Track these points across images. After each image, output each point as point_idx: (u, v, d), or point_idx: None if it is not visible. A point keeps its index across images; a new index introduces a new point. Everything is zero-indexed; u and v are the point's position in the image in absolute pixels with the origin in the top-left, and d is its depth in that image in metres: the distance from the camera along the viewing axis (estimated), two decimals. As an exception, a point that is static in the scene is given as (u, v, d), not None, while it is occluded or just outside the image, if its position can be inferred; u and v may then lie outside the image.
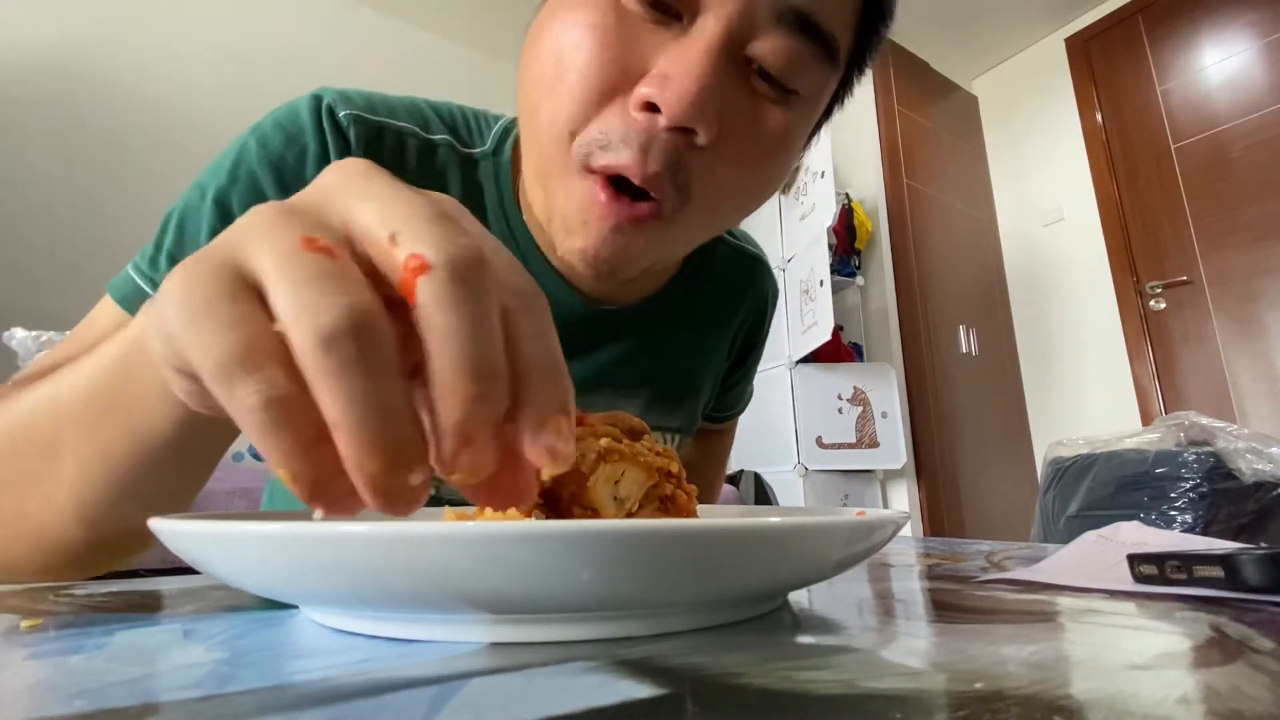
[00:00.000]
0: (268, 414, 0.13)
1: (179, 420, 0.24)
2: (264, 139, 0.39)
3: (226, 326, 0.13)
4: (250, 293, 0.14)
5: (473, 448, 0.15)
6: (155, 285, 0.36)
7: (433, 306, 0.14)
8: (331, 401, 0.13)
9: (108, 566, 0.32)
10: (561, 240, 0.36)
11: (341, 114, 0.40)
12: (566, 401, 0.16)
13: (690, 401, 0.55)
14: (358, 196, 0.16)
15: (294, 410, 0.13)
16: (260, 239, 0.15)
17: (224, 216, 0.37)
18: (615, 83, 0.32)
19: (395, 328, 0.14)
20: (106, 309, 0.37)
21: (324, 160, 0.39)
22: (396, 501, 0.14)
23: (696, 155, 0.33)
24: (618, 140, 0.31)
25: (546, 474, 0.16)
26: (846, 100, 0.45)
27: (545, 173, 0.35)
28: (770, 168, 0.38)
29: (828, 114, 0.44)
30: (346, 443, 0.13)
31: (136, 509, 0.27)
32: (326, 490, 0.14)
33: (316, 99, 0.41)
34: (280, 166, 0.38)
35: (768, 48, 0.32)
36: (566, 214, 0.34)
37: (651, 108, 0.31)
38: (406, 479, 0.14)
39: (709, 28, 0.31)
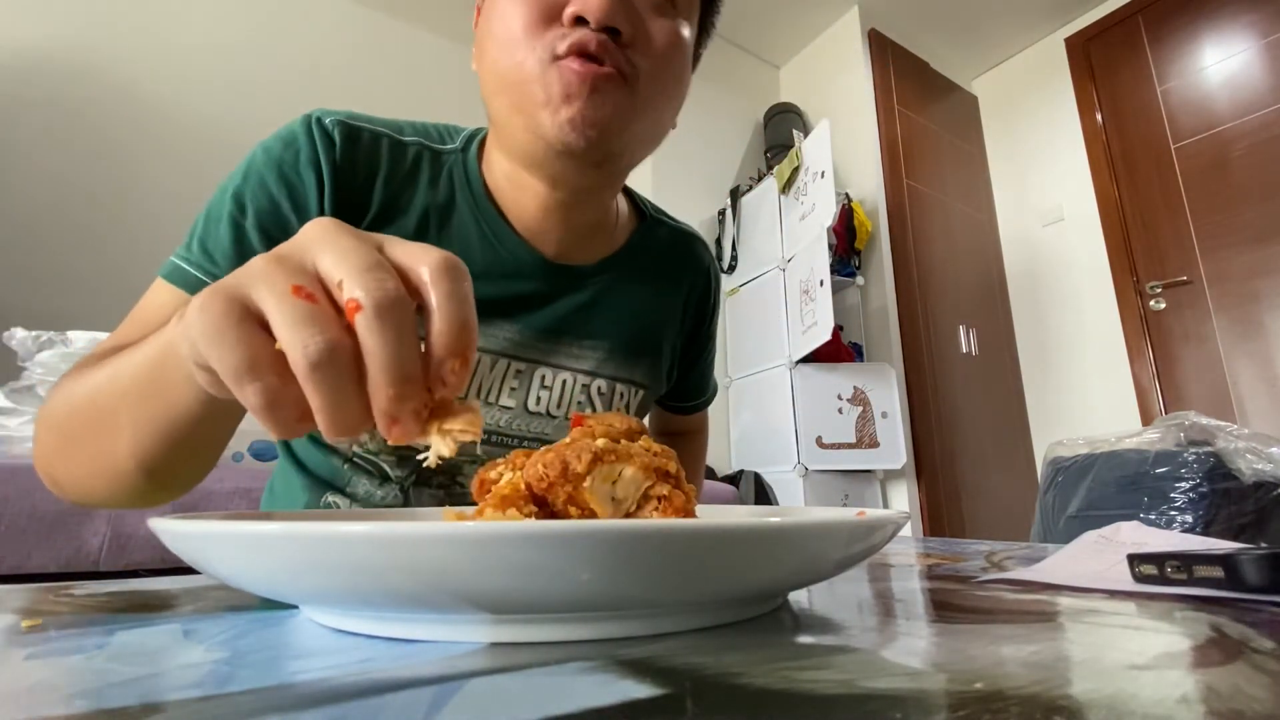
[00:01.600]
0: (266, 405, 0.21)
1: (201, 400, 0.31)
2: (268, 148, 0.48)
3: (235, 344, 0.20)
4: (253, 319, 0.21)
5: (398, 424, 0.21)
6: (191, 264, 0.46)
7: (364, 335, 0.20)
8: (313, 399, 0.20)
9: (165, 500, 0.41)
10: (552, 124, 0.44)
11: (327, 120, 0.49)
12: (464, 349, 0.22)
13: (650, 357, 0.61)
14: (323, 249, 0.22)
15: (282, 403, 0.21)
16: (261, 283, 0.21)
17: (239, 208, 0.47)
18: (548, 13, 0.44)
19: (354, 343, 0.21)
20: (158, 288, 0.47)
21: (315, 159, 0.48)
22: (346, 430, 0.21)
23: (625, 50, 0.45)
24: (567, 50, 0.43)
25: (451, 388, 0.22)
26: (712, 27, 0.58)
27: (522, 90, 0.45)
28: (677, 56, 0.49)
29: (705, 30, 0.57)
30: (321, 421, 0.21)
31: (179, 458, 0.37)
32: (298, 435, 0.22)
33: (307, 116, 0.50)
34: (281, 166, 0.48)
35: None
36: (551, 98, 0.44)
37: (581, 20, 0.43)
38: (358, 437, 0.22)
39: None
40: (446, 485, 0.54)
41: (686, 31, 0.49)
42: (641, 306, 0.60)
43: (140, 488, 0.38)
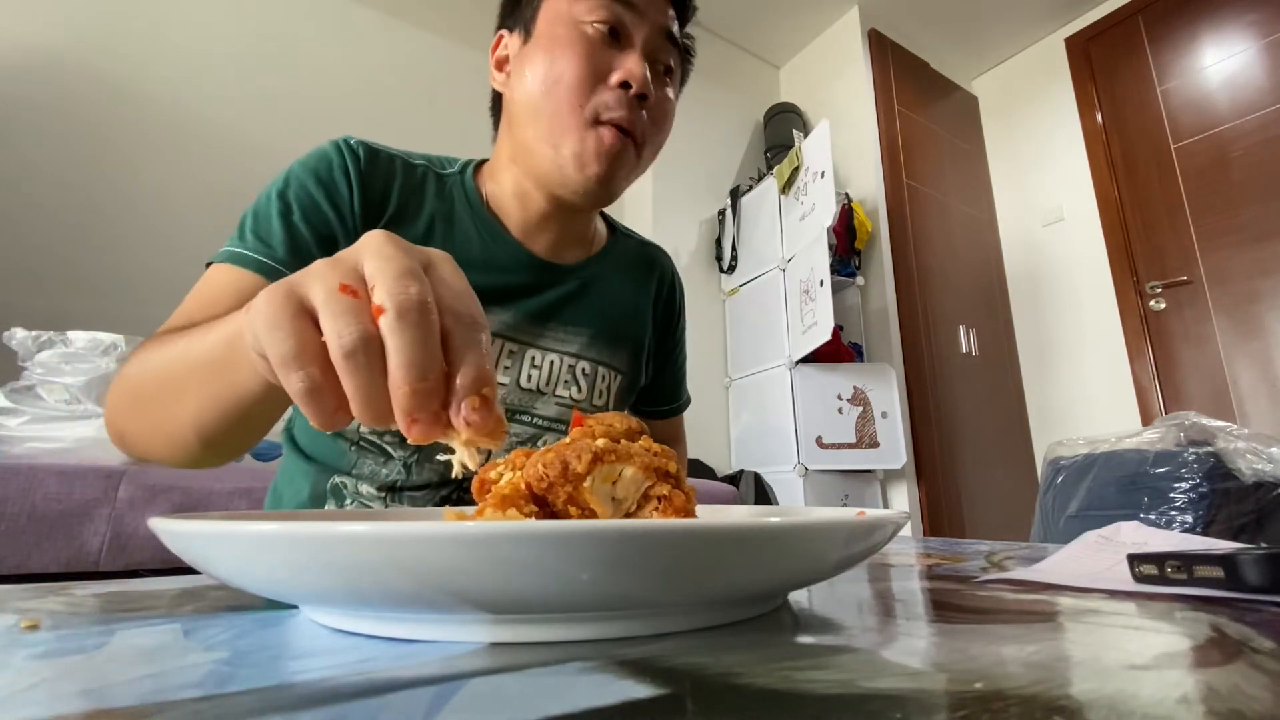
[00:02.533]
0: (306, 392, 0.23)
1: (261, 385, 0.34)
2: (304, 162, 0.57)
3: (287, 335, 0.23)
4: (305, 315, 0.23)
5: (417, 424, 0.23)
6: (248, 248, 0.52)
7: (385, 335, 0.22)
8: (346, 385, 0.23)
9: (215, 464, 0.46)
10: (576, 173, 0.56)
11: (352, 141, 0.59)
12: (481, 387, 0.23)
13: (628, 345, 0.70)
14: (369, 256, 0.24)
15: (321, 393, 0.23)
16: (316, 280, 0.24)
17: (285, 205, 0.54)
18: (597, 75, 0.56)
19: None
20: (217, 272, 0.52)
21: (345, 168, 0.57)
22: (376, 418, 0.23)
23: (644, 112, 0.58)
24: (616, 105, 0.55)
25: (466, 437, 0.23)
26: (682, 89, 0.69)
27: (559, 134, 0.56)
28: (670, 120, 0.63)
29: (679, 91, 0.69)
30: (354, 407, 0.23)
31: (233, 432, 0.40)
32: (330, 424, 0.24)
33: (335, 139, 0.59)
34: (318, 173, 0.56)
35: (660, 54, 0.60)
36: (581, 154, 0.55)
37: (625, 85, 0.56)
38: (385, 425, 0.23)
39: (640, 45, 0.57)
40: (448, 458, 0.57)
41: (673, 94, 0.64)
42: (618, 300, 0.69)
43: (194, 453, 0.43)
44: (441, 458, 0.58)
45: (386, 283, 0.23)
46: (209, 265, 0.53)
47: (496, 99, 0.66)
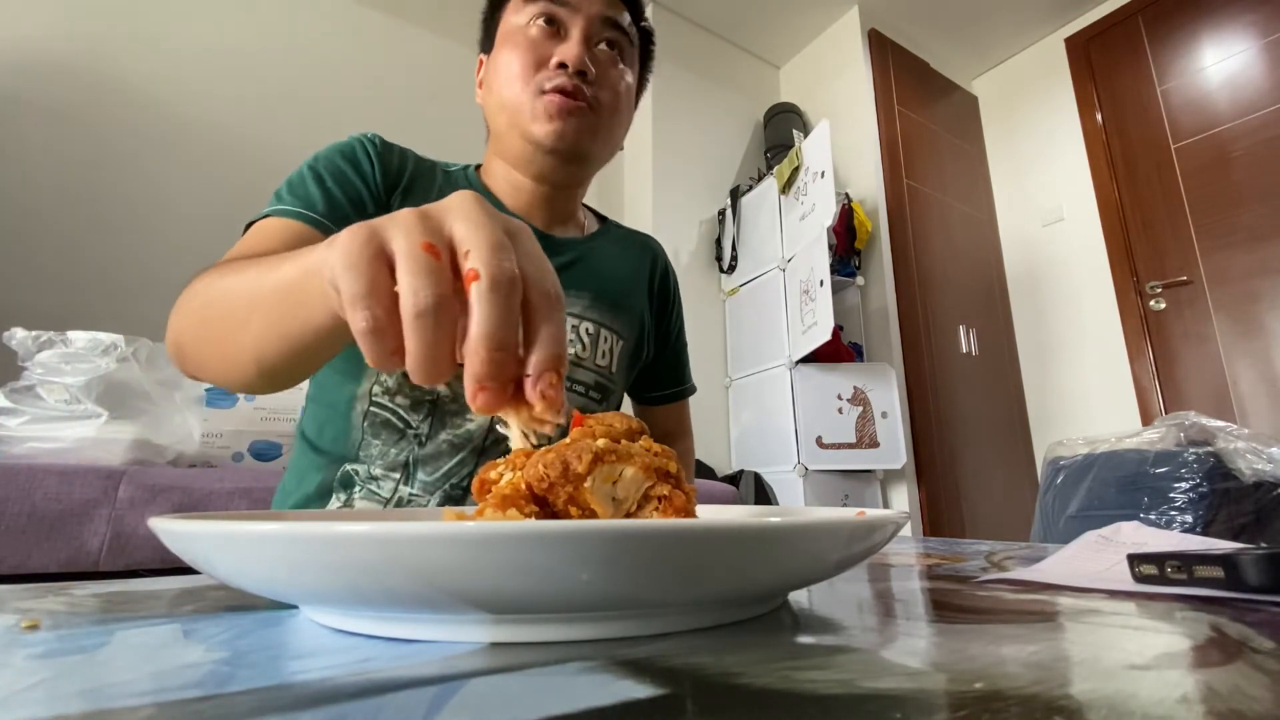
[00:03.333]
0: (368, 331, 0.23)
1: (330, 317, 0.34)
2: (329, 147, 0.64)
3: (361, 275, 0.24)
4: (383, 260, 0.24)
5: (484, 390, 0.23)
6: (288, 204, 0.56)
7: (475, 302, 0.23)
8: (410, 342, 0.23)
9: (268, 391, 0.47)
10: (540, 134, 0.63)
11: (370, 134, 0.67)
12: (559, 365, 0.24)
13: (627, 313, 0.75)
14: (460, 218, 0.25)
15: (381, 334, 0.24)
16: (401, 232, 0.24)
17: (316, 175, 0.60)
18: (539, 62, 0.64)
19: (461, 307, 0.24)
20: (264, 224, 0.55)
21: (366, 151, 0.64)
22: (429, 378, 0.24)
23: (591, 87, 0.64)
24: (556, 77, 0.63)
25: (539, 409, 0.24)
26: (649, 76, 0.78)
27: (519, 112, 0.64)
28: (624, 92, 0.69)
29: (644, 78, 0.77)
30: (410, 362, 0.23)
31: (292, 363, 0.41)
32: (384, 362, 0.24)
33: (352, 135, 0.66)
34: (343, 151, 0.63)
35: (604, 36, 0.67)
36: (536, 115, 0.63)
37: (562, 66, 0.63)
38: (435, 384, 0.25)
39: (576, 33, 0.65)
40: (458, 427, 0.62)
41: (630, 78, 0.71)
42: (614, 271, 0.75)
43: (249, 378, 0.44)
44: (483, 427, 0.63)
45: (483, 252, 0.24)
46: (248, 227, 0.56)
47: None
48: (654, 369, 0.83)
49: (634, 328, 0.75)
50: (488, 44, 0.72)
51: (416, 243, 0.24)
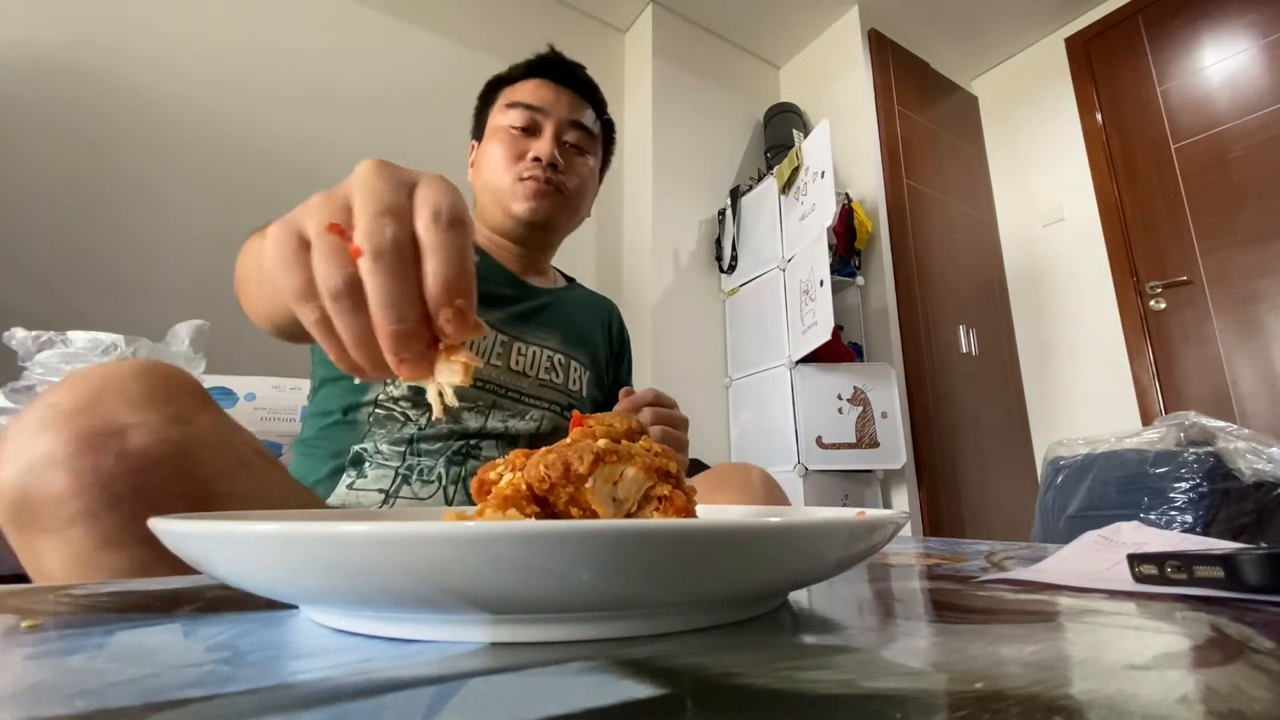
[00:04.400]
0: (318, 326, 0.24)
1: None
2: None
3: (291, 272, 0.24)
4: (306, 248, 0.24)
5: (405, 364, 0.24)
6: None
7: (364, 279, 0.23)
8: (339, 328, 0.24)
9: (292, 342, 0.52)
10: (517, 210, 0.80)
11: None
12: (455, 291, 0.24)
13: (589, 350, 0.89)
14: (357, 191, 0.25)
15: (329, 325, 0.24)
16: (310, 217, 0.24)
17: None
18: (518, 156, 0.81)
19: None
20: None
21: None
22: (370, 362, 0.25)
23: (561, 176, 0.81)
24: (531, 168, 0.80)
25: (451, 337, 0.24)
26: (611, 157, 0.96)
27: (501, 193, 0.81)
28: (588, 175, 0.87)
29: (606, 161, 0.95)
30: (348, 349, 0.24)
31: (296, 327, 0.40)
32: (349, 367, 0.26)
33: None
34: None
35: (570, 136, 0.84)
36: (516, 195, 0.80)
37: (537, 161, 0.80)
38: (363, 362, 0.25)
39: (548, 132, 0.81)
40: (452, 426, 0.69)
41: (593, 163, 0.88)
42: (578, 319, 0.90)
43: (271, 332, 0.51)
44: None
45: (364, 224, 0.23)
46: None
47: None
48: (606, 405, 0.96)
49: (596, 359, 0.90)
50: (478, 133, 0.88)
51: (321, 226, 0.24)
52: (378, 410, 0.69)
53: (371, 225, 0.23)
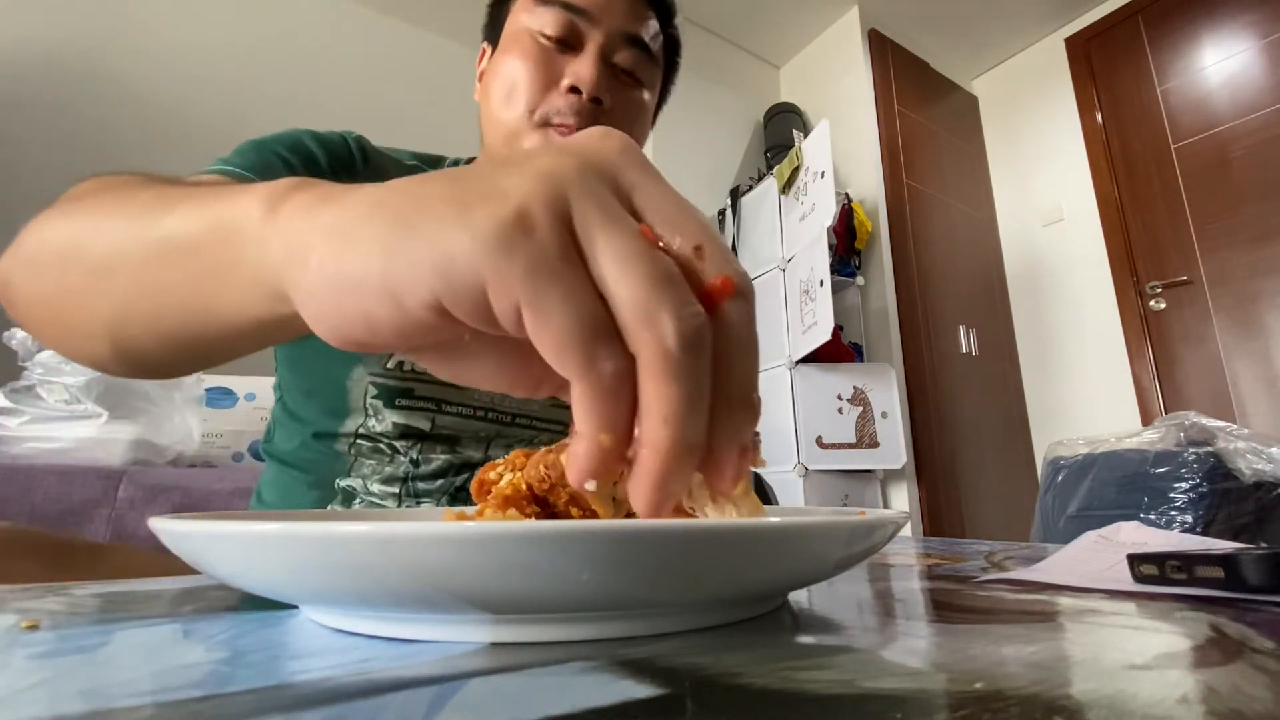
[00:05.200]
0: (616, 383, 0.15)
1: (258, 317, 0.23)
2: (306, 130, 0.58)
3: (570, 292, 0.15)
4: (577, 254, 0.16)
5: (737, 461, 0.18)
6: (233, 166, 0.50)
7: (738, 326, 0.17)
8: (662, 397, 0.15)
9: (130, 377, 0.34)
10: None
11: (351, 135, 0.61)
12: (754, 419, 0.18)
13: None
14: (650, 184, 0.18)
15: (627, 386, 0.16)
16: (593, 204, 0.16)
17: (277, 145, 0.54)
18: (547, 82, 0.55)
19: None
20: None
21: (346, 146, 0.59)
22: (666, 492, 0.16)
23: (604, 116, 0.56)
24: (566, 110, 0.55)
25: (725, 484, 0.18)
26: (671, 88, 0.70)
27: (515, 133, 0.56)
28: (641, 122, 0.62)
29: (664, 95, 0.69)
30: (660, 432, 0.15)
31: (172, 351, 0.28)
32: (610, 467, 0.16)
33: (345, 133, 0.61)
34: (317, 137, 0.57)
35: (622, 58, 0.58)
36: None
37: (575, 90, 0.55)
38: (687, 478, 0.16)
39: (592, 48, 0.56)
40: (450, 458, 0.56)
41: (648, 98, 0.62)
42: None
43: (100, 358, 0.31)
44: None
45: (722, 254, 0.17)
46: None
47: None
48: None
49: None
50: (493, 34, 0.62)
51: (634, 227, 0.16)
52: (360, 442, 0.55)
53: (732, 259, 0.17)
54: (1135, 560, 0.28)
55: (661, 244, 0.16)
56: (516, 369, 0.20)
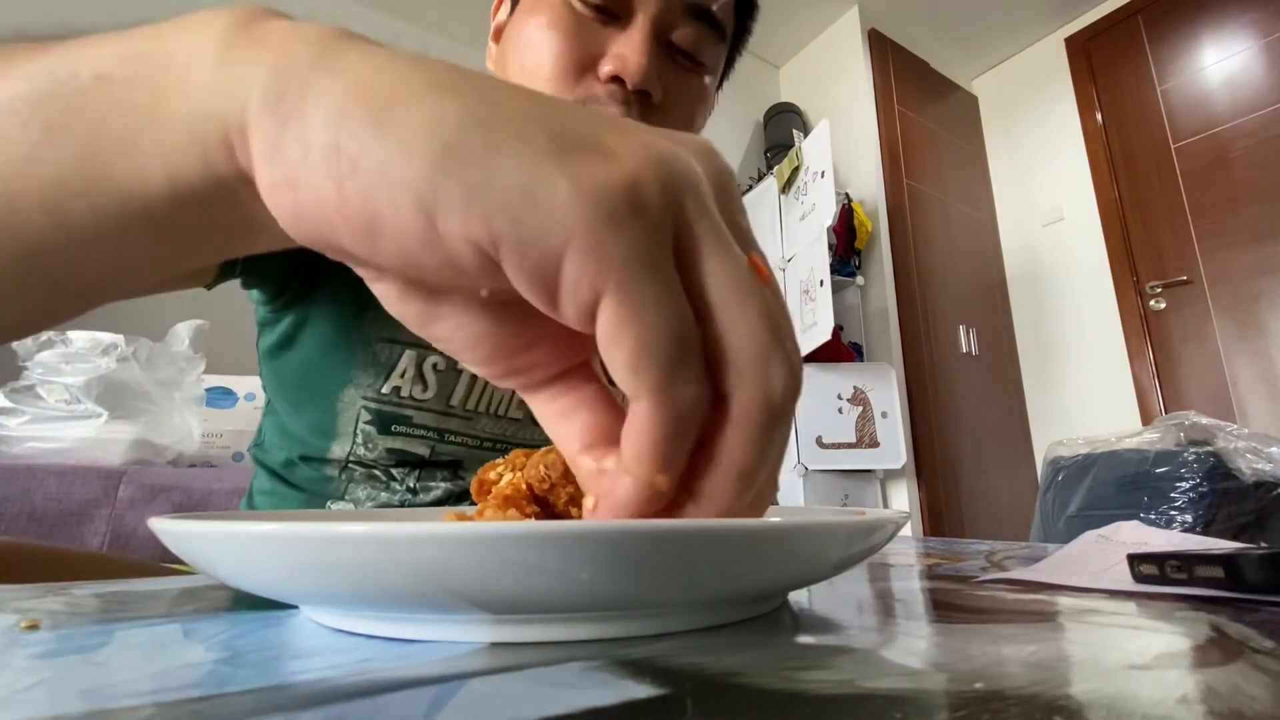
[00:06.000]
0: (691, 416, 0.14)
1: (174, 191, 0.16)
2: None
3: (669, 296, 0.13)
4: (674, 265, 0.13)
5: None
6: None
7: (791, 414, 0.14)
8: (748, 451, 0.14)
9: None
10: None
11: None
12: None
13: None
14: (743, 225, 0.16)
15: (697, 424, 0.14)
16: (705, 206, 0.14)
17: None
18: (582, 64, 0.43)
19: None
20: None
21: None
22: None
23: (653, 113, 0.45)
24: (606, 101, 0.42)
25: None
26: (731, 72, 0.61)
27: None
28: (698, 117, 0.51)
29: (735, 53, 0.60)
30: (730, 488, 0.14)
31: (18, 277, 0.18)
32: (654, 513, 0.14)
33: None
34: None
35: (681, 34, 0.46)
36: None
37: (617, 79, 0.43)
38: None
39: (642, 22, 0.43)
40: (449, 487, 0.51)
41: (709, 82, 0.50)
42: None
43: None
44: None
45: (792, 333, 0.15)
46: None
47: None
48: None
49: None
50: None
51: (741, 256, 0.14)
52: (352, 468, 0.50)
53: (786, 348, 0.14)
54: (1135, 560, 0.28)
55: (770, 279, 0.14)
56: (501, 345, 0.17)
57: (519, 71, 0.45)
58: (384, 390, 0.49)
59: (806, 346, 2.13)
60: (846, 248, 2.46)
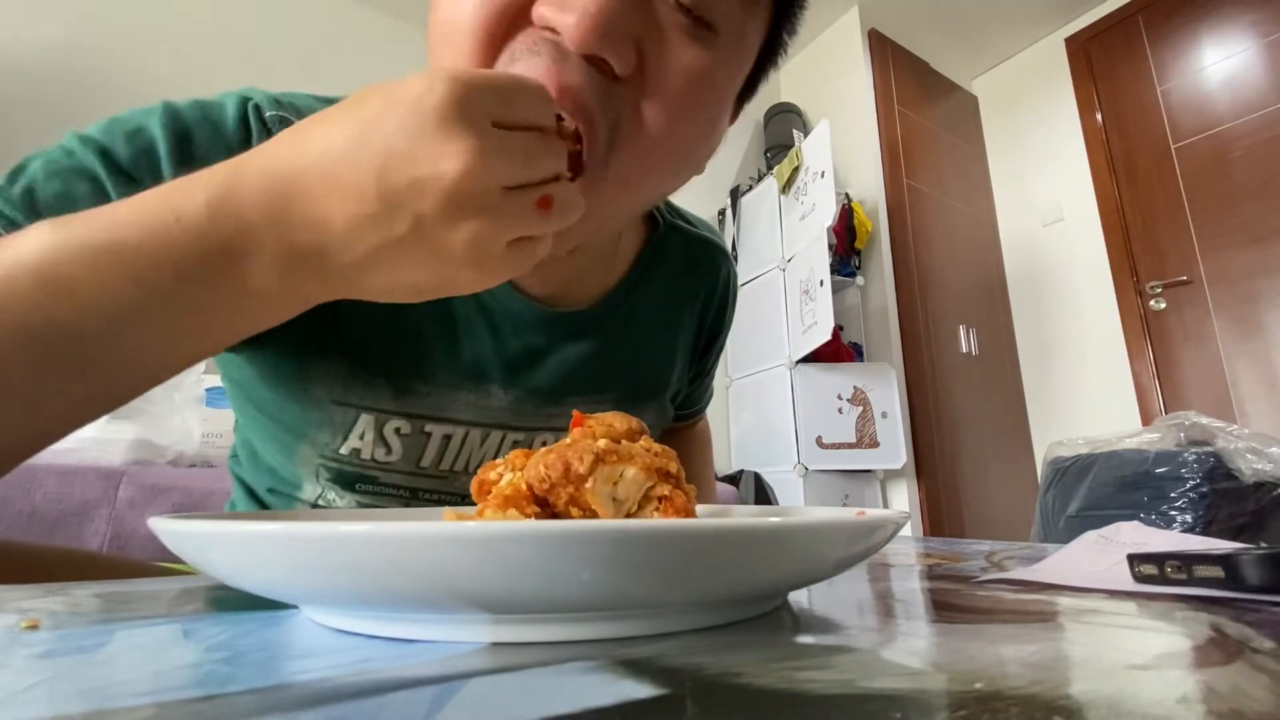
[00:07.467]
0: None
1: (273, 299, 0.22)
2: (176, 113, 0.37)
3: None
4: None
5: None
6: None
7: None
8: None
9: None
10: None
11: (268, 114, 0.39)
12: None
13: (658, 398, 0.54)
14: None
15: None
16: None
17: (107, 161, 0.34)
18: (511, 11, 0.28)
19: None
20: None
21: (239, 150, 0.29)
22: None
23: (620, 89, 0.29)
24: (523, 51, 0.28)
25: None
26: (782, 55, 0.42)
27: None
28: (698, 112, 0.32)
29: (764, 66, 0.41)
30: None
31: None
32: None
33: (245, 98, 0.40)
34: (185, 139, 0.36)
35: None
36: None
37: (550, 34, 0.27)
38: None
39: None
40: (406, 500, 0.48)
41: (727, 66, 0.34)
42: (649, 345, 0.51)
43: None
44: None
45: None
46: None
47: None
48: (683, 400, 0.63)
49: (663, 408, 0.55)
50: None
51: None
52: (322, 505, 0.47)
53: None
54: (1135, 560, 0.28)
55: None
56: (431, 273, 0.25)
57: (437, 35, 0.32)
58: (342, 451, 0.43)
59: (806, 346, 2.13)
60: (846, 248, 2.46)
